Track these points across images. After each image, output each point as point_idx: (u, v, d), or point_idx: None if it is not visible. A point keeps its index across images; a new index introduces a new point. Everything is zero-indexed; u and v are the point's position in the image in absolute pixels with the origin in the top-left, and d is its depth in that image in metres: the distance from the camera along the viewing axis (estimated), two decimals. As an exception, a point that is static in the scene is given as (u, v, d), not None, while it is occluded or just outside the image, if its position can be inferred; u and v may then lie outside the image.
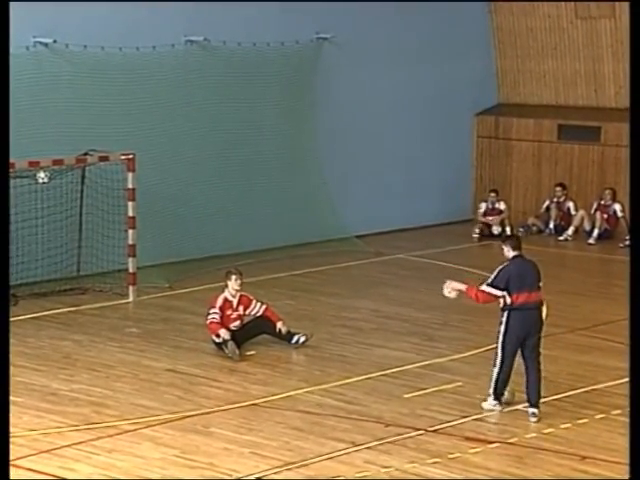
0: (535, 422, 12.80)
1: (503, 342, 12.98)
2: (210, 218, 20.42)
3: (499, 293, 12.94)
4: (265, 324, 15.68)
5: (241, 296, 15.64)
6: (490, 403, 13.18)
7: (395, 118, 23.39)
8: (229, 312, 15.50)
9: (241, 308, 15.61)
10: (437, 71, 23.75)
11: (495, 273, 13.02)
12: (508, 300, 12.93)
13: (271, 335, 15.70)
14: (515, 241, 13.42)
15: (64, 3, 18.72)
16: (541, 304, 13.15)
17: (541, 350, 13.09)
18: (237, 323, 15.55)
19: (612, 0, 22.87)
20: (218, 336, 15.21)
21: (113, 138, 18.42)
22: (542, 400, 13.18)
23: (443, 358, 15.22)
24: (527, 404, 12.99)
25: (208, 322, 15.39)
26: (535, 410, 12.93)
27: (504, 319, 12.95)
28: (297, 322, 16.74)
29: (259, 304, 15.73)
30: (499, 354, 13.00)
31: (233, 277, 15.55)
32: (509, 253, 13.22)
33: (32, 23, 18.36)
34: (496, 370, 13.07)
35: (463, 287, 13.14)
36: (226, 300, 15.52)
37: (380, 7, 22.64)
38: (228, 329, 15.27)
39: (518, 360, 13.04)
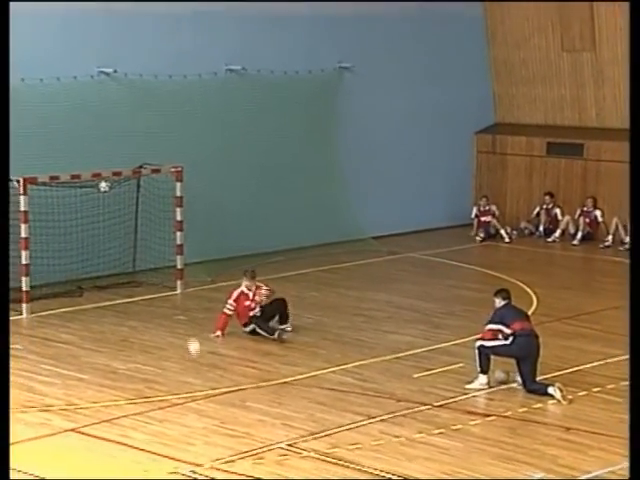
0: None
1: (498, 350, 12.96)
2: (247, 221, 20.44)
3: (495, 327, 12.96)
4: (279, 304, 15.62)
5: (257, 287, 15.56)
6: (480, 382, 13.06)
7: (406, 135, 23.35)
8: (247, 303, 15.42)
9: (257, 297, 15.51)
10: (442, 95, 23.69)
11: (490, 316, 13.10)
12: (507, 330, 12.90)
13: (282, 315, 15.59)
14: (505, 293, 13.30)
15: (123, 38, 18.82)
16: (536, 335, 13.08)
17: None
18: (257, 310, 15.45)
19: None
20: (217, 330, 15.25)
21: (164, 153, 18.45)
22: (532, 379, 13.18)
23: (447, 343, 15.18)
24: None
25: (222, 312, 15.38)
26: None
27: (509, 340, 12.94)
28: (321, 311, 16.75)
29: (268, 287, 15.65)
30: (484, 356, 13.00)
31: (249, 276, 15.54)
32: (500, 304, 13.17)
33: (96, 55, 18.43)
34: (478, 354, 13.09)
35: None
36: (242, 293, 15.44)
37: (393, 42, 22.63)
38: (248, 318, 15.29)
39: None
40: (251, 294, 15.50)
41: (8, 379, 9.74)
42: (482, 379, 13.08)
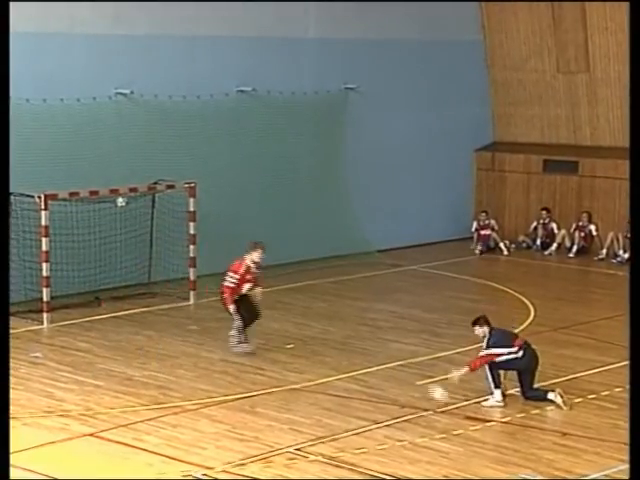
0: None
1: (508, 364, 12.76)
2: (257, 234, 20.29)
3: (498, 351, 12.68)
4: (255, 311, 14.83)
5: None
6: (496, 398, 12.74)
7: (410, 152, 23.34)
8: (248, 277, 14.64)
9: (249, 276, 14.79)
10: (444, 114, 23.70)
11: (486, 342, 12.80)
12: (512, 350, 12.70)
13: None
14: (485, 318, 12.91)
15: (139, 61, 18.86)
16: (529, 345, 12.91)
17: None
18: (246, 288, 14.64)
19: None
20: (227, 304, 14.45)
21: (178, 170, 18.47)
22: (530, 386, 13.12)
23: (448, 351, 15.15)
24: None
25: (225, 285, 14.49)
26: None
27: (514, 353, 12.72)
28: (328, 321, 16.72)
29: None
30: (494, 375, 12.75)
31: (260, 250, 14.79)
32: (486, 330, 12.79)
33: (114, 77, 18.48)
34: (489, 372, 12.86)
35: (464, 369, 12.77)
36: (248, 269, 14.65)
37: (396, 64, 22.65)
38: (237, 294, 14.42)
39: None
40: (253, 268, 14.65)
41: (8, 378, 9.40)
42: (497, 395, 12.71)
